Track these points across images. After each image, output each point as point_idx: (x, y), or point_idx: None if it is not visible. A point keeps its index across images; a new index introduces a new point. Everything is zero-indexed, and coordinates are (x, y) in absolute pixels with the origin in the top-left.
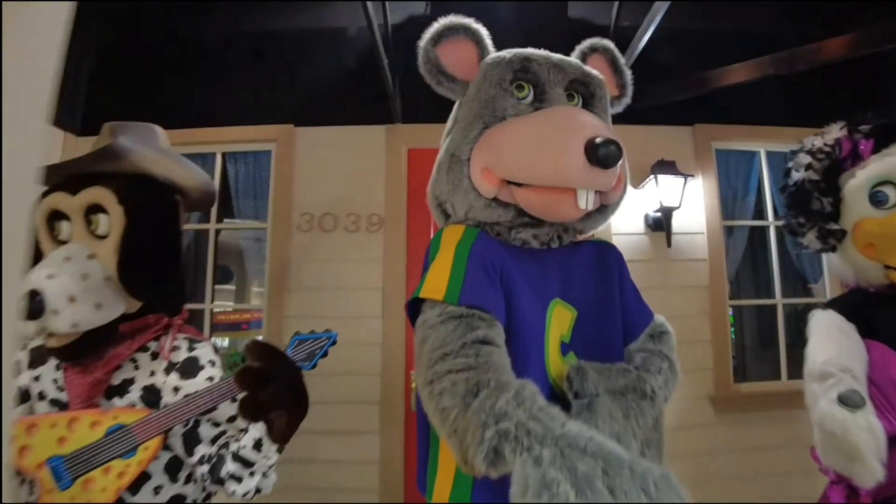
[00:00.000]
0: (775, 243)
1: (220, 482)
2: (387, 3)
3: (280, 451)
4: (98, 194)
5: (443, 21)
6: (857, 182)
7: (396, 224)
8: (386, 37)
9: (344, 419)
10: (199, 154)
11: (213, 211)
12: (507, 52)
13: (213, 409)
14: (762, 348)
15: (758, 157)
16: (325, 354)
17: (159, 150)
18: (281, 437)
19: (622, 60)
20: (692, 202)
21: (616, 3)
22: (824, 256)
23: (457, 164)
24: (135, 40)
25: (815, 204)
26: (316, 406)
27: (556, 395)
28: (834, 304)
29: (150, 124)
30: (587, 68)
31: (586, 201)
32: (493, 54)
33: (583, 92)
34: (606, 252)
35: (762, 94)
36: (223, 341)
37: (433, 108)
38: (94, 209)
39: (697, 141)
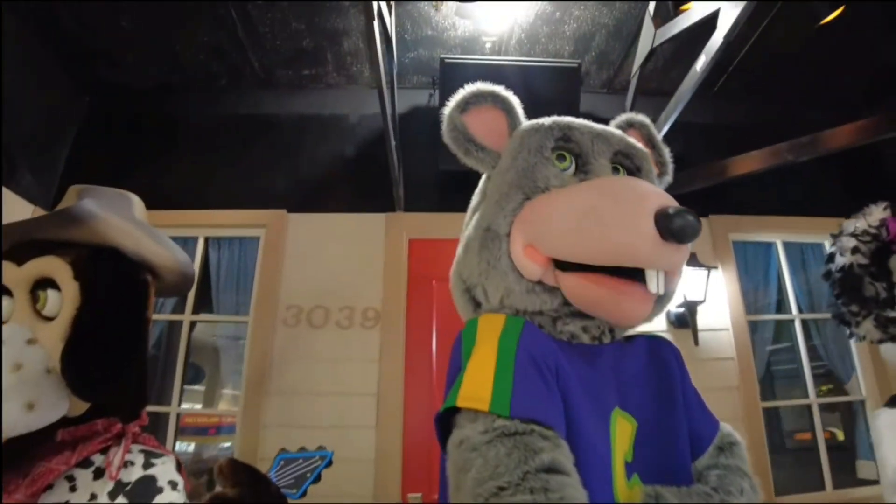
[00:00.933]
0: (802, 338)
1: None
2: (396, 90)
3: None
4: (50, 266)
5: (469, 88)
6: None
7: (395, 320)
8: (394, 124)
9: None
10: (180, 237)
11: (190, 300)
12: (547, 120)
13: None
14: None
15: (774, 248)
16: (317, 479)
17: (132, 221)
18: None
19: (659, 137)
20: (714, 296)
21: (630, 97)
22: (881, 349)
23: (493, 239)
24: (123, 116)
25: (868, 290)
26: None
27: None
28: None
29: (124, 191)
30: (631, 140)
31: (657, 284)
32: (530, 122)
33: (628, 165)
34: (663, 349)
35: (774, 185)
36: (188, 445)
37: (435, 198)
38: (43, 283)
39: (715, 232)
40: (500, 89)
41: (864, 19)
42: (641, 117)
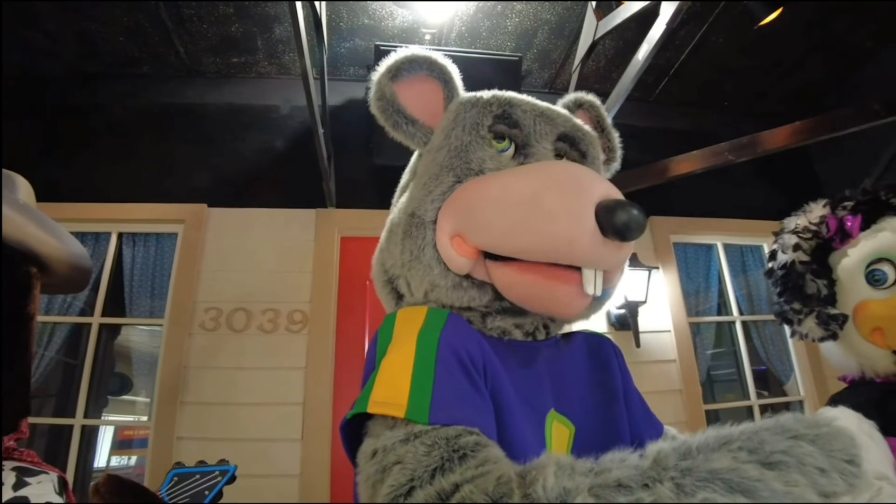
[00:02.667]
0: (743, 340)
1: None
2: (327, 80)
3: None
4: None
5: (403, 52)
6: (850, 262)
7: (324, 324)
8: (324, 115)
9: None
10: (91, 233)
11: (99, 302)
12: (486, 93)
13: None
14: None
15: (715, 250)
16: (218, 497)
17: (14, 204)
18: None
19: (609, 120)
20: (655, 298)
21: (571, 92)
22: (822, 347)
23: (418, 227)
24: (31, 103)
25: (809, 287)
26: None
27: None
28: (844, 401)
29: (8, 171)
30: (579, 122)
31: (595, 285)
32: (468, 95)
33: (572, 150)
34: (604, 348)
35: (714, 188)
36: (129, 459)
37: (370, 194)
38: None
39: (656, 234)
40: (438, 56)
41: (794, 30)
42: (591, 97)
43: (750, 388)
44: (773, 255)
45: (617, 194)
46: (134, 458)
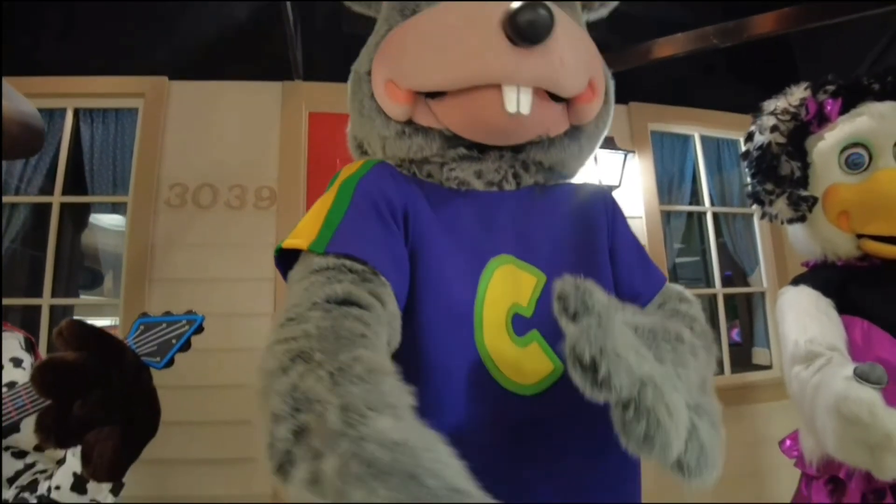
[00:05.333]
0: (713, 232)
1: None
2: None
3: (116, 491)
4: None
5: None
6: (826, 145)
7: (292, 200)
8: None
9: (220, 444)
10: (45, 109)
11: (59, 180)
12: None
13: (13, 430)
14: None
15: (692, 141)
16: (185, 346)
17: None
18: (106, 472)
19: None
20: (629, 184)
21: None
22: (789, 231)
23: (357, 81)
24: None
25: (783, 168)
26: (182, 427)
27: (498, 396)
28: (805, 280)
29: None
30: None
31: (518, 102)
32: None
33: None
34: (591, 198)
35: (695, 78)
36: None
37: (339, 66)
38: None
39: (634, 120)
40: None
41: None
42: None
43: (716, 279)
44: (749, 137)
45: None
46: None
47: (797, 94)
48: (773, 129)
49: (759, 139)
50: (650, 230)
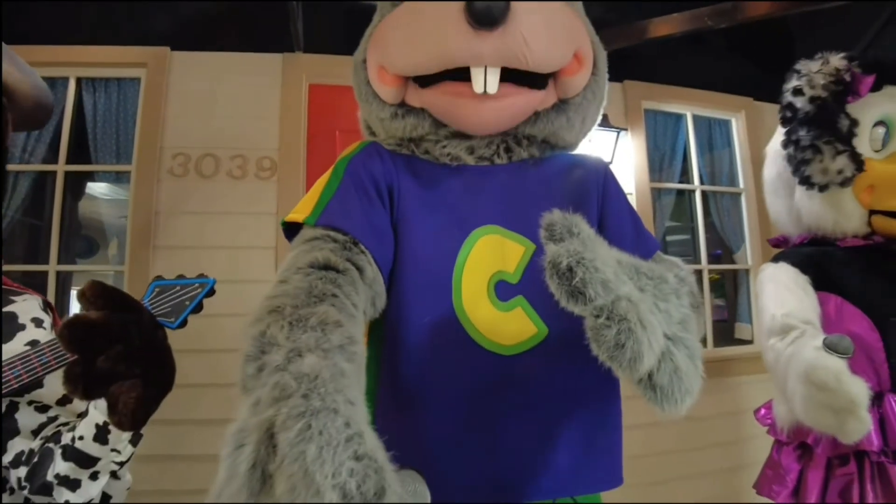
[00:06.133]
0: (701, 209)
1: (47, 490)
2: None
3: (135, 442)
4: None
5: None
6: (863, 116)
7: (293, 170)
8: None
9: (222, 406)
10: (48, 77)
11: (63, 149)
12: None
13: (37, 385)
14: None
15: (684, 120)
16: (198, 308)
17: None
18: (130, 420)
19: None
20: (621, 161)
21: None
22: (780, 205)
23: (356, 69)
24: None
25: (842, 124)
26: (187, 389)
27: (474, 354)
28: (785, 257)
29: None
30: None
31: (484, 83)
32: None
33: None
34: (584, 168)
35: (690, 57)
36: None
37: (340, 38)
38: None
39: (628, 97)
40: None
41: None
42: None
43: (702, 255)
44: (798, 91)
45: None
46: None
47: (834, 62)
48: (826, 86)
49: (812, 93)
50: (640, 206)
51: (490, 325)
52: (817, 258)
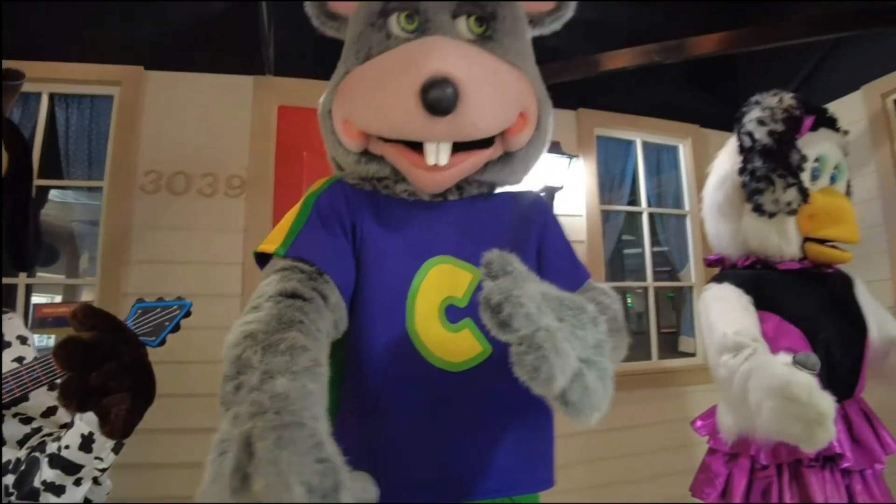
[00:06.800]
0: (648, 230)
1: (34, 496)
2: None
3: (117, 450)
4: None
5: None
6: (807, 152)
7: (262, 189)
8: None
9: (193, 415)
10: (20, 93)
11: (36, 163)
12: None
13: (23, 399)
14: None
15: (634, 146)
16: (176, 328)
17: None
18: (121, 430)
19: None
20: (573, 185)
21: None
22: (721, 229)
23: (322, 116)
24: None
25: (794, 158)
26: (159, 399)
27: (425, 371)
28: (728, 278)
29: None
30: None
31: (437, 156)
32: None
33: (479, 14)
34: (526, 203)
35: (641, 87)
36: (49, 339)
37: (310, 63)
38: None
39: (581, 125)
40: None
41: None
42: None
43: (648, 273)
44: (761, 122)
45: (450, 68)
46: (53, 338)
47: (786, 100)
48: (785, 121)
49: (772, 126)
50: (590, 228)
51: (440, 344)
52: (756, 280)
